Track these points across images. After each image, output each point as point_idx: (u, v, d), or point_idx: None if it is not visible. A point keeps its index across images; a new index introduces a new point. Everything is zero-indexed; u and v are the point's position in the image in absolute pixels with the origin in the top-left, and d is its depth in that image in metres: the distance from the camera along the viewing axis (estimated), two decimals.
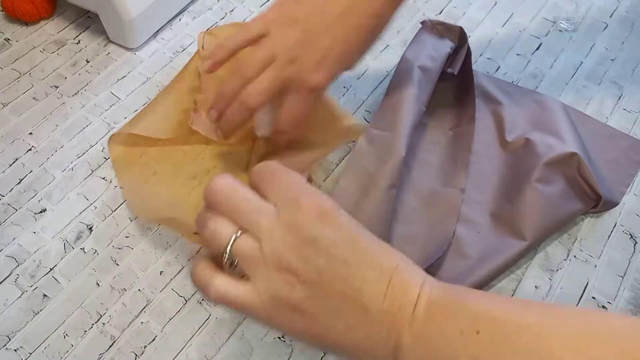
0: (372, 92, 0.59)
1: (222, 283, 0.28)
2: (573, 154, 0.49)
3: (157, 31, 0.63)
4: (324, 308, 0.28)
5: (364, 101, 0.58)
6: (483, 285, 0.46)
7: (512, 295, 0.47)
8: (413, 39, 0.56)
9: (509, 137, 0.53)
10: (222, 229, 0.28)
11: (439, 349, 0.28)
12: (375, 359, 0.29)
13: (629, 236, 0.50)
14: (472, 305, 0.29)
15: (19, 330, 0.44)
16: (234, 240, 0.28)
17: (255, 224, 0.28)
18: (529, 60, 0.62)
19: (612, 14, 0.67)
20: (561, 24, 0.66)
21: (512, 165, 0.52)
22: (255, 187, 0.30)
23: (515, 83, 0.60)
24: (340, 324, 0.28)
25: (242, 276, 0.28)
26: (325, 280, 0.27)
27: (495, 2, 0.68)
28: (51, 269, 0.47)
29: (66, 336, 0.44)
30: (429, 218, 0.49)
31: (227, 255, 0.28)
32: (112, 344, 0.44)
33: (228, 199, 0.29)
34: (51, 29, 0.63)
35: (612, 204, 0.50)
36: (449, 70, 0.55)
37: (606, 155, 0.54)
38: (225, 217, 0.29)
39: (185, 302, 0.46)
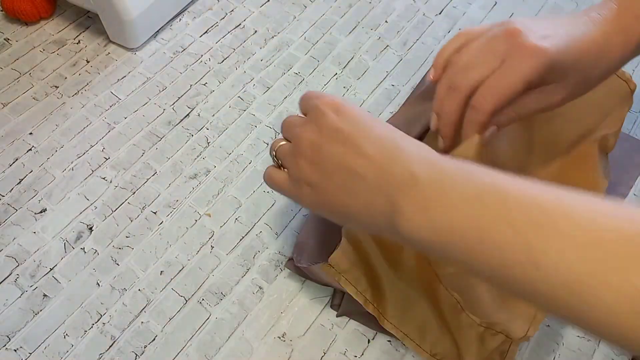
0: (372, 92, 0.59)
1: (271, 170, 0.39)
2: None
3: (157, 31, 0.63)
4: (329, 181, 0.34)
5: (364, 101, 0.58)
6: None
7: None
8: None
9: None
10: (278, 142, 0.39)
11: (439, 217, 0.29)
12: (377, 226, 0.33)
13: None
14: (478, 176, 0.29)
15: (19, 330, 0.44)
16: (279, 146, 0.38)
17: (292, 133, 0.37)
18: None
19: None
20: None
21: None
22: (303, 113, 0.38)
23: None
24: (343, 194, 0.34)
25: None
26: (326, 158, 0.34)
27: (496, 2, 0.68)
28: (51, 269, 0.47)
29: (66, 336, 0.44)
30: None
31: (273, 154, 0.38)
32: (112, 344, 0.44)
33: (285, 124, 0.39)
34: (51, 29, 0.63)
35: None
36: None
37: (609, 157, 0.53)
38: (284, 136, 0.39)
39: (185, 302, 0.46)
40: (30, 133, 0.55)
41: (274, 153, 0.39)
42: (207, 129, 0.56)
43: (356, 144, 0.33)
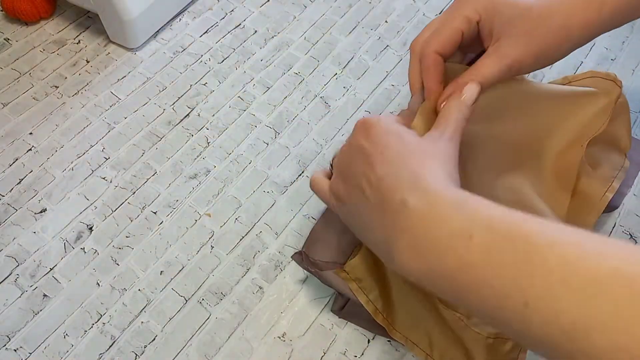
0: (372, 92, 0.59)
1: (316, 177, 0.40)
2: None
3: (157, 31, 0.63)
4: (349, 199, 0.35)
5: (364, 101, 0.58)
6: None
7: None
8: None
9: None
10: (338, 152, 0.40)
11: (428, 256, 0.29)
12: (378, 253, 0.34)
13: (629, 236, 0.50)
14: (469, 210, 0.29)
15: (19, 330, 0.44)
16: (336, 154, 0.39)
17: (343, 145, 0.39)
18: None
19: None
20: None
21: None
22: None
23: None
24: (356, 214, 0.35)
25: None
26: (351, 174, 0.35)
27: None
28: (51, 269, 0.47)
29: (66, 336, 0.44)
30: None
31: (330, 162, 0.41)
32: (112, 344, 0.44)
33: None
34: (51, 29, 0.63)
35: (612, 208, 0.50)
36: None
37: None
38: None
39: (185, 302, 0.46)
40: (30, 133, 0.55)
41: (331, 162, 0.41)
42: (207, 129, 0.56)
43: (371, 163, 0.33)
